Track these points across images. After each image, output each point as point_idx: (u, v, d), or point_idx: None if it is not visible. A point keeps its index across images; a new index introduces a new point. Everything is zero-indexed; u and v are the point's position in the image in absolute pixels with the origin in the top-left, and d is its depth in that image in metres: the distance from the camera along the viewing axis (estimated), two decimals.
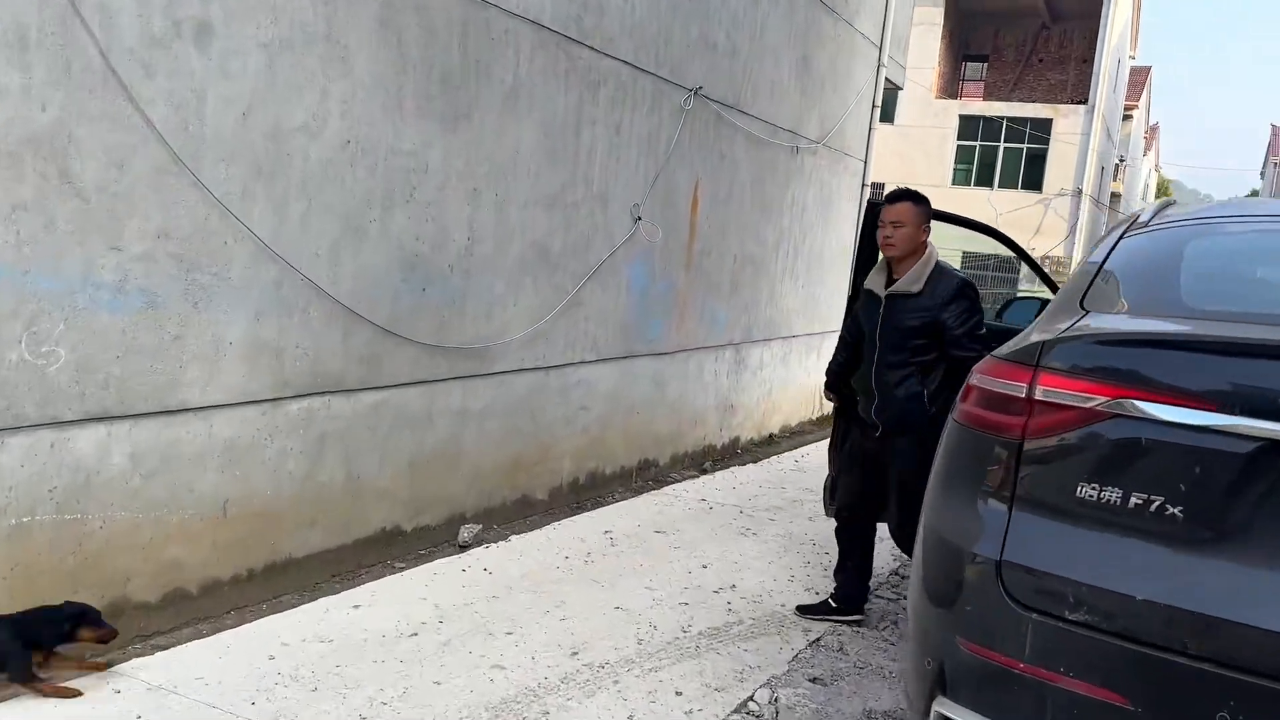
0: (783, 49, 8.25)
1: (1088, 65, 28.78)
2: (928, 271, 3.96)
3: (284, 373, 4.05)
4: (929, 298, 3.92)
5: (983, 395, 2.15)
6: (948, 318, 3.88)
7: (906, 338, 3.96)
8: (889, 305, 4.02)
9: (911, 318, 3.94)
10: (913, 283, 3.96)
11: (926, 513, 2.27)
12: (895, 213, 4.01)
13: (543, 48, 5.27)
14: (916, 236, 4.00)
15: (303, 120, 3.96)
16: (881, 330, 4.03)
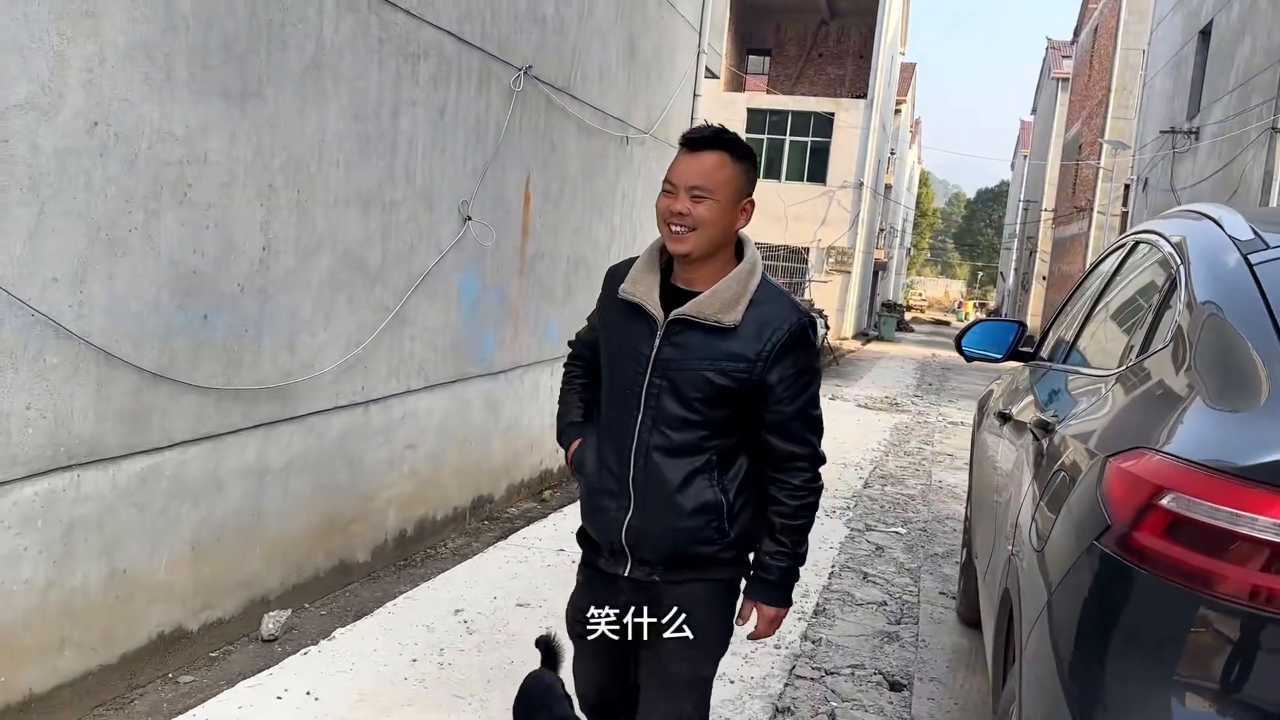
0: (610, 30, 7.48)
1: (865, 60, 29.74)
2: (750, 291, 2.15)
3: (10, 446, 2.89)
4: (748, 340, 2.13)
5: (1188, 527, 1.43)
6: (776, 383, 2.13)
7: (704, 401, 2.15)
8: (673, 336, 2.17)
9: (716, 369, 2.13)
10: (724, 307, 2.13)
11: (1071, 700, 1.53)
12: (700, 170, 2.12)
13: (351, 10, 4.24)
14: (732, 222, 2.17)
15: (28, 94, 2.80)
16: (653, 378, 2.18)
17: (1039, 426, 2.47)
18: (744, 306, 2.12)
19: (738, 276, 2.15)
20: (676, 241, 2.12)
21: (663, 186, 2.16)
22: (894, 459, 9.06)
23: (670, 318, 2.16)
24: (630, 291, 2.21)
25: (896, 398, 14.31)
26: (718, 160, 2.12)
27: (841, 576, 5.14)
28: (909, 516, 6.72)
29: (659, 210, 2.15)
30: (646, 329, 2.19)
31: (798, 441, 2.17)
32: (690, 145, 2.15)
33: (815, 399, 2.21)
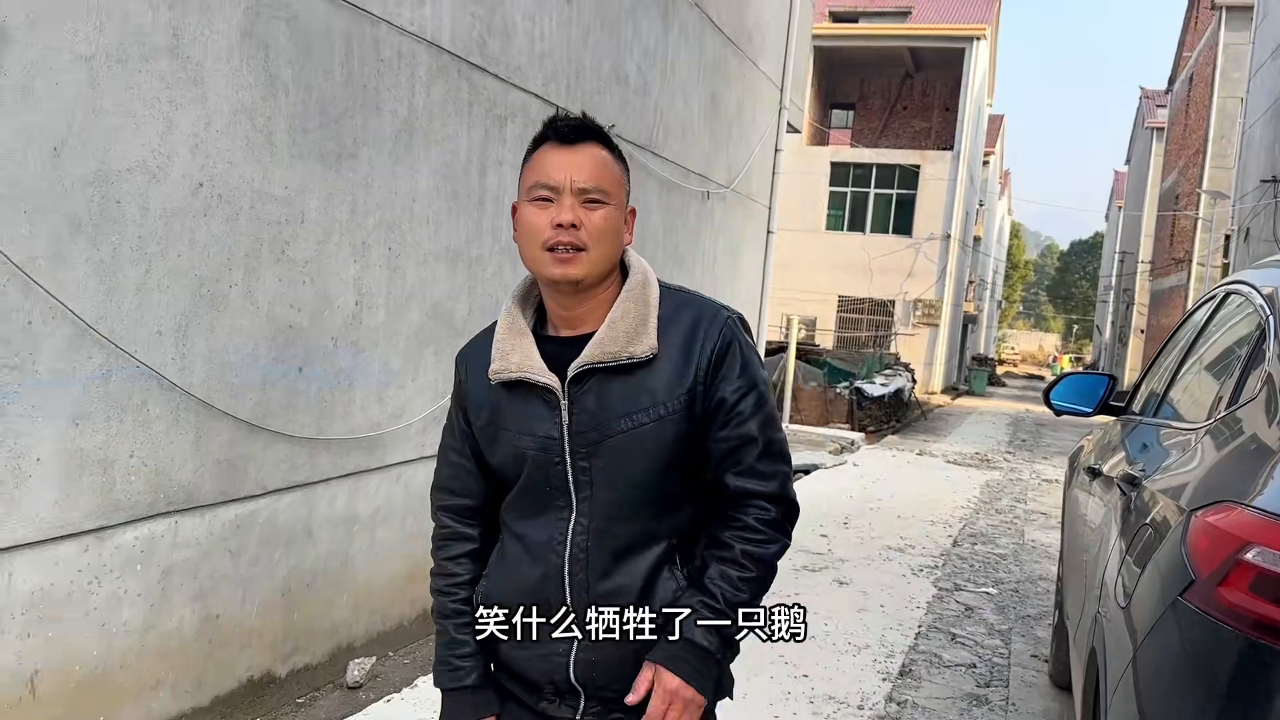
0: (692, 88, 7.61)
1: (951, 113, 29.57)
2: (653, 305, 1.65)
3: (114, 493, 3.03)
4: (675, 362, 1.63)
5: (1274, 582, 1.39)
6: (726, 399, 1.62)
7: (652, 463, 1.62)
8: (581, 399, 1.63)
9: (651, 414, 1.61)
10: (630, 337, 1.62)
11: None
12: (588, 167, 1.59)
13: (442, 74, 4.41)
14: (622, 236, 1.66)
15: (140, 158, 2.98)
16: (576, 462, 1.64)
17: (1126, 481, 2.40)
18: (654, 326, 1.60)
19: (633, 295, 1.62)
20: (565, 265, 1.55)
21: (528, 193, 1.58)
22: (985, 517, 8.82)
23: (570, 376, 1.60)
24: (503, 369, 1.63)
25: (987, 454, 13.97)
26: (603, 155, 1.59)
27: (929, 637, 5.01)
28: (1000, 577, 6.53)
29: (528, 228, 1.58)
30: (543, 405, 1.61)
31: (755, 475, 1.60)
32: (561, 136, 1.58)
33: (774, 418, 1.65)
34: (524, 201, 1.60)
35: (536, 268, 1.60)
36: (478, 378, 1.70)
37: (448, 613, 1.73)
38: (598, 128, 1.62)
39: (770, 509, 1.61)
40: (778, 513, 1.62)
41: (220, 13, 3.20)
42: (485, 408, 1.70)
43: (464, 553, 1.76)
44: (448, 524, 1.78)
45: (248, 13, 3.31)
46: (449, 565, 1.76)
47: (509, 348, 1.65)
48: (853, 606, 5.38)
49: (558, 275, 1.57)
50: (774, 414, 1.67)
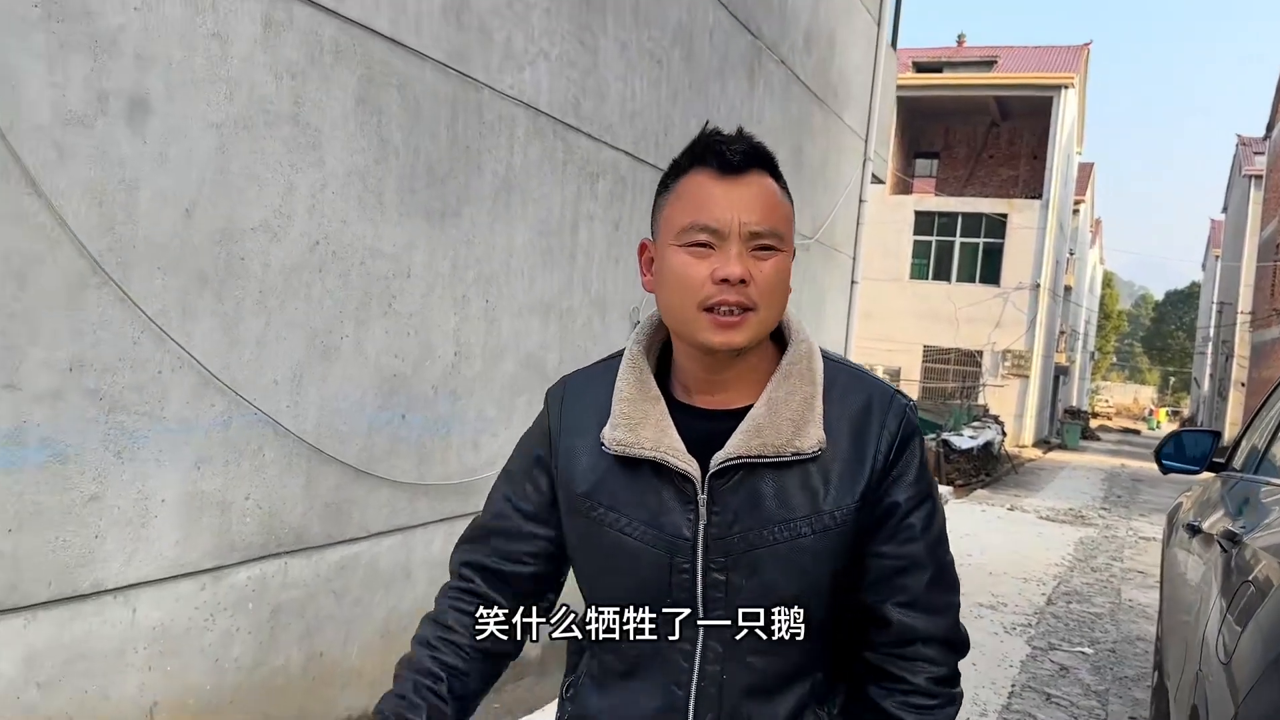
0: (777, 141, 7.71)
1: (1039, 161, 29.17)
2: (819, 385, 1.30)
3: (230, 534, 3.19)
4: (843, 458, 1.28)
5: None
6: (898, 506, 1.29)
7: (805, 591, 1.27)
8: (723, 497, 1.27)
9: (814, 524, 1.26)
10: (796, 426, 1.27)
11: None
12: (761, 204, 1.24)
13: (539, 135, 4.59)
14: (786, 290, 1.29)
15: (262, 218, 3.19)
16: (711, 574, 1.27)
17: (1226, 538, 2.38)
18: (821, 410, 1.27)
19: (798, 370, 1.29)
20: (728, 330, 1.22)
21: (681, 235, 1.23)
22: (1079, 575, 8.59)
23: (713, 469, 1.25)
24: (630, 443, 1.28)
25: (1082, 510, 13.58)
26: (774, 188, 1.26)
27: (1023, 696, 4.90)
28: (1096, 636, 6.35)
29: (680, 281, 1.23)
30: (674, 495, 1.27)
31: (924, 610, 1.27)
32: (725, 164, 1.22)
33: (946, 538, 1.33)
34: (673, 245, 1.23)
35: (688, 330, 1.24)
36: (584, 435, 1.33)
37: (418, 666, 1.34)
38: (766, 153, 1.26)
39: (942, 663, 1.27)
40: (950, 666, 1.28)
41: (337, 81, 3.42)
42: (589, 479, 1.31)
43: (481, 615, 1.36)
44: (471, 578, 1.39)
45: (362, 80, 3.52)
46: (450, 616, 1.37)
47: (639, 416, 1.29)
48: None
49: (718, 343, 1.22)
50: (945, 532, 1.33)
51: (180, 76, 2.87)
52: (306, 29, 3.27)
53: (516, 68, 4.35)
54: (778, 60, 7.56)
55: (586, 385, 1.38)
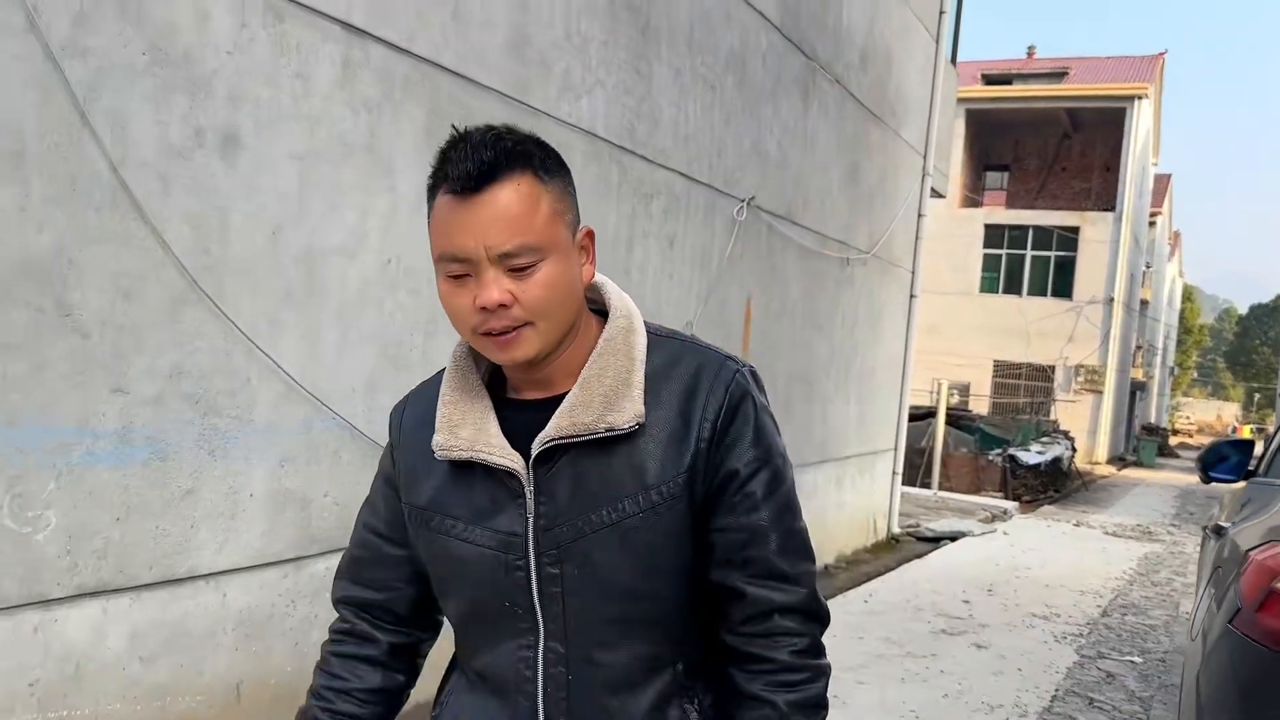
0: (832, 160, 7.90)
1: (1112, 173, 28.71)
2: (639, 358, 1.25)
3: (310, 527, 3.50)
4: (670, 429, 1.22)
5: None
6: (736, 475, 1.23)
7: (646, 566, 1.22)
8: (550, 484, 1.23)
9: (642, 499, 1.21)
10: (609, 401, 1.21)
11: None
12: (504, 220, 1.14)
13: (596, 159, 4.87)
14: (577, 276, 1.23)
15: (340, 240, 3.50)
16: (544, 568, 1.22)
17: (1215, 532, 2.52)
18: (640, 385, 1.21)
19: (612, 346, 1.24)
20: (508, 348, 1.18)
21: (441, 267, 1.18)
22: (1139, 589, 8.55)
23: (535, 452, 1.21)
24: (450, 445, 1.24)
25: (1150, 526, 13.40)
26: (520, 193, 1.15)
27: (1065, 700, 5.00)
28: (1148, 647, 6.38)
29: (450, 311, 1.20)
30: (503, 492, 1.23)
31: (779, 577, 1.22)
32: (461, 186, 1.14)
33: (794, 502, 1.26)
34: (438, 272, 1.19)
35: (479, 350, 1.23)
36: (418, 446, 1.30)
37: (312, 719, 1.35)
38: (510, 149, 1.16)
39: (804, 633, 1.22)
40: (813, 635, 1.23)
41: (407, 114, 3.73)
42: (427, 489, 1.28)
43: (362, 656, 1.36)
44: (348, 619, 1.38)
45: (430, 113, 3.83)
46: (336, 663, 1.36)
47: (458, 416, 1.25)
48: (989, 670, 5.41)
49: (503, 359, 1.20)
50: (794, 497, 1.26)
51: (267, 113, 3.20)
52: (380, 67, 3.59)
53: (574, 97, 4.64)
54: (832, 80, 7.75)
55: (423, 397, 1.33)
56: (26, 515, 2.66)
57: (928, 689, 4.93)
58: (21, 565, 2.67)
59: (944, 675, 5.19)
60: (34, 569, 2.69)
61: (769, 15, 6.53)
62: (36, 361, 2.64)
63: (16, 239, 2.58)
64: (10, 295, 2.57)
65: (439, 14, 3.81)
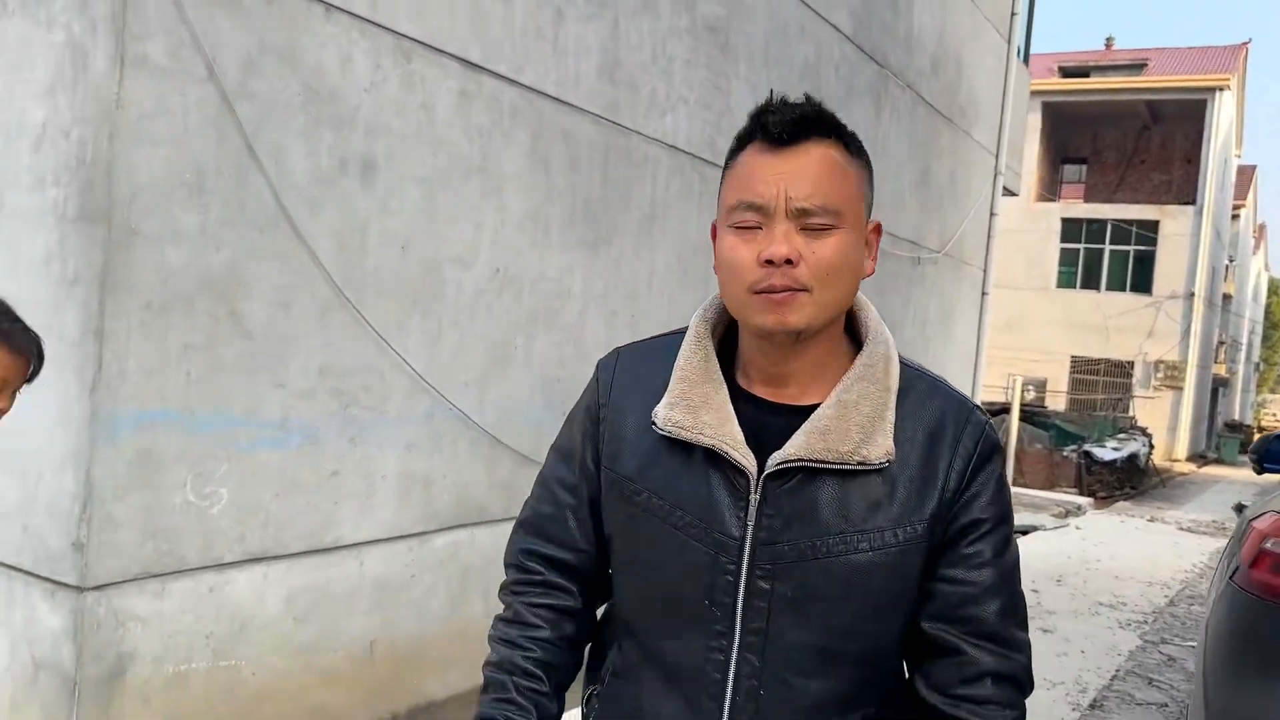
0: (904, 161, 8.16)
1: (1193, 165, 28.17)
2: (894, 390, 1.21)
3: (432, 506, 3.94)
4: (914, 472, 1.19)
5: None
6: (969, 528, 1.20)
7: (862, 613, 1.18)
8: (779, 498, 1.18)
9: (876, 542, 1.17)
10: (865, 431, 1.17)
11: (1211, 692, 2.00)
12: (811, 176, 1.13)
13: (679, 171, 5.24)
14: (861, 267, 1.19)
15: (457, 251, 3.94)
16: (754, 581, 1.18)
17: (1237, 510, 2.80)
18: (892, 419, 1.18)
19: (873, 374, 1.19)
20: (779, 310, 1.13)
21: (728, 215, 1.17)
22: (1208, 581, 8.64)
23: (771, 468, 1.16)
24: (687, 426, 1.19)
25: (1225, 522, 13.32)
26: (833, 157, 1.14)
27: (1125, 680, 5.24)
28: None
29: (728, 264, 1.16)
30: (725, 489, 1.19)
31: (997, 644, 1.19)
32: (773, 135, 1.13)
33: (1019, 566, 1.24)
34: (724, 226, 1.17)
35: (742, 314, 1.17)
36: (632, 411, 1.25)
37: (513, 668, 1.27)
38: (826, 116, 1.15)
39: (1015, 706, 1.19)
40: (1021, 710, 1.20)
41: (515, 139, 4.15)
42: (635, 458, 1.24)
43: (555, 606, 1.30)
44: (537, 569, 1.32)
45: (533, 136, 4.24)
46: (528, 613, 1.30)
47: (699, 398, 1.19)
48: (1053, 651, 5.66)
49: (771, 324, 1.13)
50: (1019, 564, 1.24)
51: (398, 142, 3.64)
52: (491, 96, 4.01)
53: (659, 114, 5.02)
54: (903, 86, 8.00)
55: (642, 358, 1.28)
56: (204, 491, 3.14)
57: None
58: (200, 534, 3.14)
59: None
60: (209, 538, 3.17)
61: (841, 27, 6.84)
62: (213, 361, 3.12)
63: (199, 257, 3.05)
64: (194, 305, 3.05)
65: (542, 46, 4.22)
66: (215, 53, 3.02)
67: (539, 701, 1.26)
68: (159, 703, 3.10)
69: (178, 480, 3.05)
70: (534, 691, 1.26)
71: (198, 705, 3.20)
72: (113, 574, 2.93)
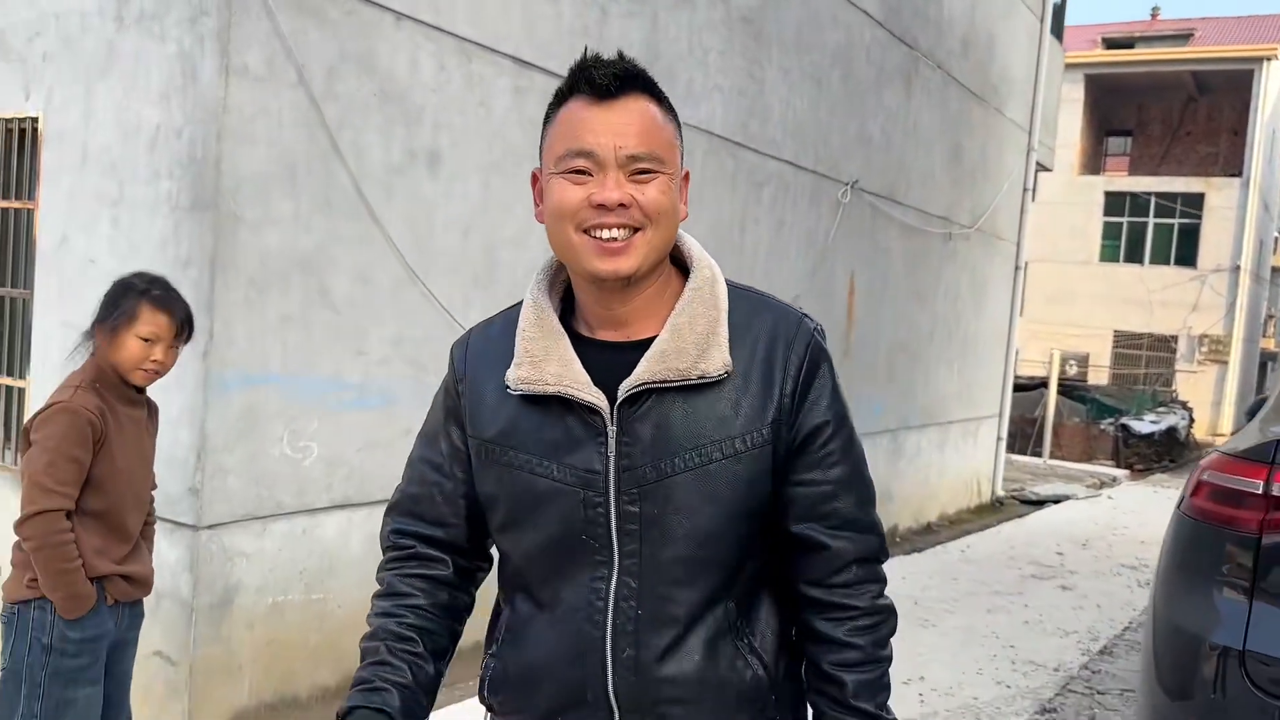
0: (934, 141, 8.43)
1: (1239, 137, 27.84)
2: (723, 309, 1.30)
3: None
4: (753, 381, 1.28)
5: (1216, 491, 2.27)
6: (815, 432, 1.30)
7: (724, 513, 1.27)
8: (634, 426, 1.26)
9: (726, 448, 1.26)
10: (700, 348, 1.26)
11: (1158, 605, 2.37)
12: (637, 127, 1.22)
13: (714, 154, 5.61)
14: (678, 207, 1.28)
15: (512, 234, 4.35)
16: (623, 506, 1.26)
17: None
18: (725, 334, 1.27)
19: (700, 295, 1.29)
20: (614, 257, 1.21)
21: (558, 162, 1.23)
22: None
23: (621, 396, 1.25)
24: (535, 379, 1.26)
25: None
26: (652, 110, 1.24)
27: (1136, 631, 5.57)
28: None
29: (558, 207, 1.23)
30: (582, 429, 1.27)
31: (854, 527, 1.31)
32: (597, 88, 1.21)
33: (864, 456, 1.35)
34: (552, 174, 1.23)
35: (574, 259, 1.23)
36: (487, 381, 1.32)
37: (386, 634, 1.30)
38: (641, 72, 1.24)
39: (879, 579, 1.33)
40: (883, 580, 1.34)
41: None
42: (496, 423, 1.30)
43: (428, 575, 1.35)
44: (408, 544, 1.37)
45: None
46: (400, 583, 1.34)
47: (541, 352, 1.27)
48: (1070, 605, 6.00)
49: (604, 271, 1.21)
50: (863, 451, 1.35)
51: (460, 135, 4.06)
52: (542, 90, 4.40)
53: (695, 102, 5.38)
54: (934, 66, 8.27)
55: (491, 332, 1.38)
56: (299, 445, 3.60)
57: (1010, 618, 5.57)
58: (295, 483, 3.60)
59: (1027, 609, 5.82)
60: (303, 486, 3.63)
61: (872, 13, 7.13)
62: (306, 331, 3.56)
63: (293, 240, 3.49)
64: (290, 282, 3.49)
65: (587, 43, 4.59)
66: (304, 61, 3.45)
67: (413, 663, 1.28)
68: (261, 629, 3.57)
69: (276, 435, 3.51)
70: (408, 653, 1.29)
71: (292, 633, 3.68)
72: (222, 515, 3.39)
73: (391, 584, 1.35)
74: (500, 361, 1.30)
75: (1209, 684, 2.11)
